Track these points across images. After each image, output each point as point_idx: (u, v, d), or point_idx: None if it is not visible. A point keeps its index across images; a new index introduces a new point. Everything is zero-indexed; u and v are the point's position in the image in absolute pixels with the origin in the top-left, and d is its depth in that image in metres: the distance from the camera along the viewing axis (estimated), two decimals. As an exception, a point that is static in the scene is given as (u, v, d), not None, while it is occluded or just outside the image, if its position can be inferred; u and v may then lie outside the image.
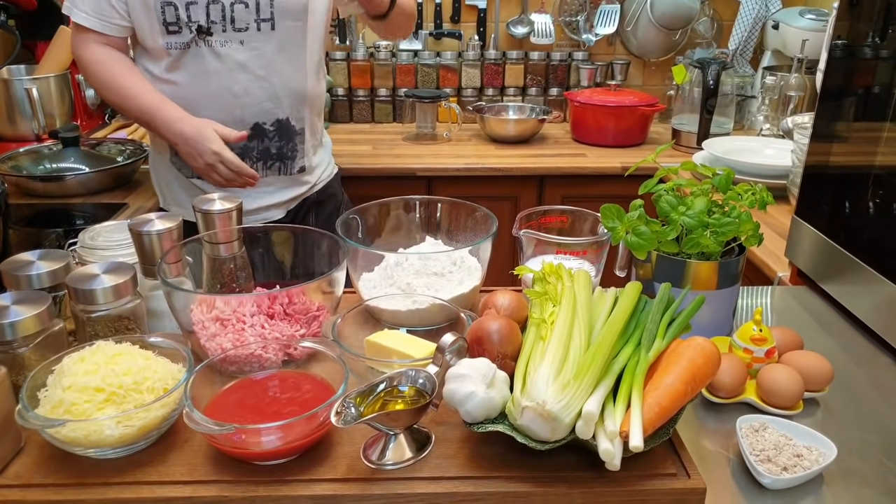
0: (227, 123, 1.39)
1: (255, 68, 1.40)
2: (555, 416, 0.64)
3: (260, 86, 1.41)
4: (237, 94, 1.40)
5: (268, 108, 1.43)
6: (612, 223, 0.93)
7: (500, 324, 0.76)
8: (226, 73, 1.39)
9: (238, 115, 1.41)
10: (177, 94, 1.40)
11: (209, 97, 1.40)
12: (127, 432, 0.68)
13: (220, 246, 0.96)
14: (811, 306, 1.14)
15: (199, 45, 1.37)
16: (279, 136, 1.47)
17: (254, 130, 1.44)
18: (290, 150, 1.50)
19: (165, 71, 1.40)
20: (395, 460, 0.71)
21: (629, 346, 0.77)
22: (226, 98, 1.40)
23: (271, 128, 1.45)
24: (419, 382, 0.73)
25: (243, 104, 1.41)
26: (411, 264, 0.96)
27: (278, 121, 1.46)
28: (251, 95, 1.41)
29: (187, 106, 1.39)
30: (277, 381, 0.78)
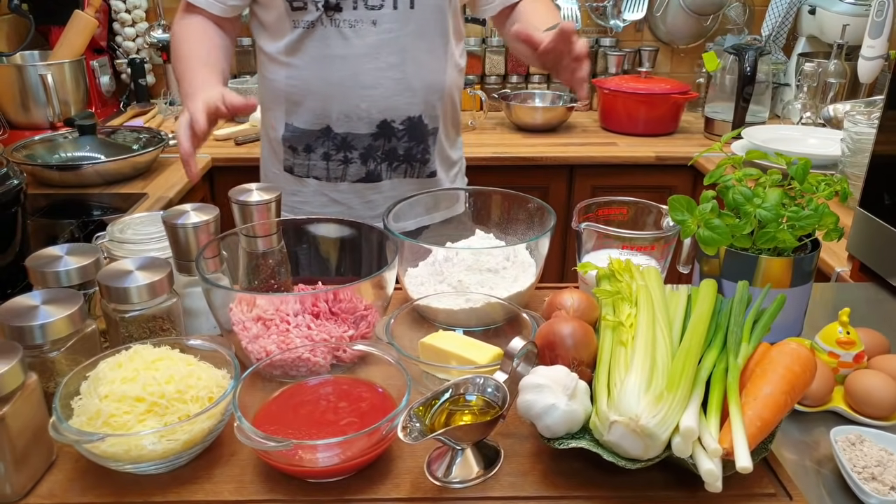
0: (351, 119, 1.21)
1: (387, 55, 1.18)
2: (650, 433, 0.58)
3: (392, 76, 1.20)
4: (365, 84, 1.19)
5: (399, 103, 1.22)
6: (682, 216, 0.86)
7: (573, 327, 0.69)
8: (353, 60, 1.18)
9: (364, 109, 1.21)
10: (295, 80, 1.22)
11: (331, 86, 1.20)
12: (170, 446, 0.62)
13: (258, 240, 0.90)
14: (883, 305, 1.07)
15: (325, 24, 1.16)
16: (409, 136, 1.25)
17: (380, 129, 1.23)
18: (420, 152, 1.28)
19: (284, 53, 1.21)
20: (462, 477, 0.65)
21: (713, 351, 0.70)
22: (351, 89, 1.20)
23: (401, 126, 1.24)
24: (488, 392, 0.67)
25: (371, 97, 1.20)
26: (462, 259, 0.89)
27: (409, 119, 1.24)
28: (381, 87, 1.20)
29: (306, 94, 1.21)
30: (331, 387, 0.71)
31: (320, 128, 1.24)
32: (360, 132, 1.23)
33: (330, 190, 1.29)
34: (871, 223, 1.13)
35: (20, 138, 1.79)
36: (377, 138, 1.24)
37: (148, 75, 2.29)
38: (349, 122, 1.22)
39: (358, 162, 1.25)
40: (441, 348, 0.76)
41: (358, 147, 1.24)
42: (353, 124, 1.22)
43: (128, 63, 2.23)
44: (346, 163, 1.26)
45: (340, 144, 1.24)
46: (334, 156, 1.25)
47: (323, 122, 1.23)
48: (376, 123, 1.22)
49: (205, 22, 1.23)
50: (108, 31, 2.27)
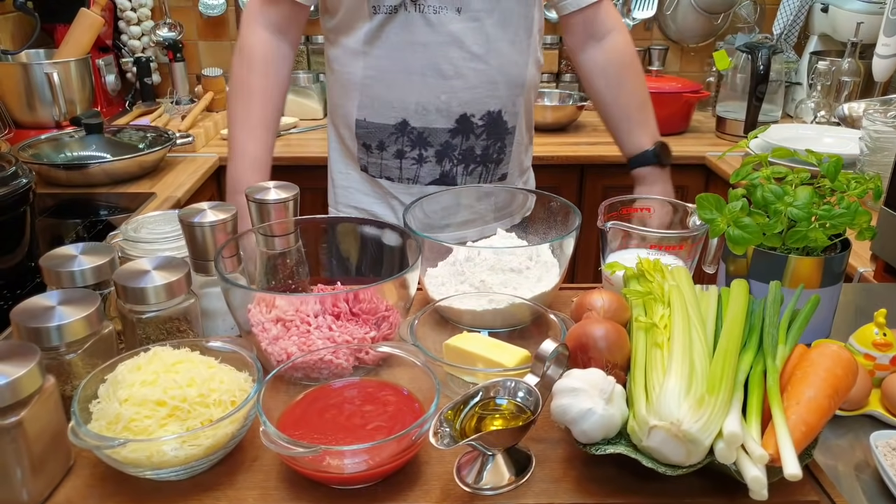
0: (430, 112, 1.15)
1: (471, 44, 1.12)
2: (693, 438, 0.56)
3: (475, 67, 1.14)
4: (447, 74, 1.13)
5: (480, 95, 1.15)
6: (711, 215, 0.84)
7: (606, 328, 0.67)
8: (436, 48, 1.12)
9: (444, 101, 1.15)
10: (373, 69, 1.15)
11: (412, 76, 1.13)
12: (193, 452, 0.60)
13: (275, 239, 0.88)
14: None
15: (409, 9, 1.10)
16: (487, 133, 1.19)
17: (459, 124, 1.16)
18: (496, 151, 1.21)
19: (363, 43, 1.15)
20: (493, 484, 0.62)
21: (748, 353, 0.68)
22: (432, 79, 1.13)
23: (480, 122, 1.17)
24: (519, 396, 0.65)
25: (452, 88, 1.14)
26: (484, 259, 0.87)
27: (489, 113, 1.17)
28: (463, 78, 1.14)
29: (384, 85, 1.16)
30: (356, 390, 0.69)
31: (396, 122, 1.17)
32: (438, 126, 1.16)
33: (401, 192, 1.22)
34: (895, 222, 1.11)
35: (25, 137, 1.77)
36: (455, 135, 1.17)
37: (153, 74, 2.27)
38: (427, 115, 1.15)
39: (433, 161, 1.19)
40: (467, 350, 0.74)
41: (434, 144, 1.17)
42: (432, 118, 1.16)
43: (133, 62, 2.21)
44: (420, 162, 1.19)
45: (416, 140, 1.17)
46: (408, 153, 1.18)
47: (399, 116, 1.17)
48: (455, 118, 1.16)
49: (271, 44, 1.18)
50: (114, 30, 2.25)
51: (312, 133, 2.12)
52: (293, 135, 2.10)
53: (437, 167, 1.19)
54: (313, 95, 2.23)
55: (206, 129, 1.99)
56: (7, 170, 1.17)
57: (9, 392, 0.56)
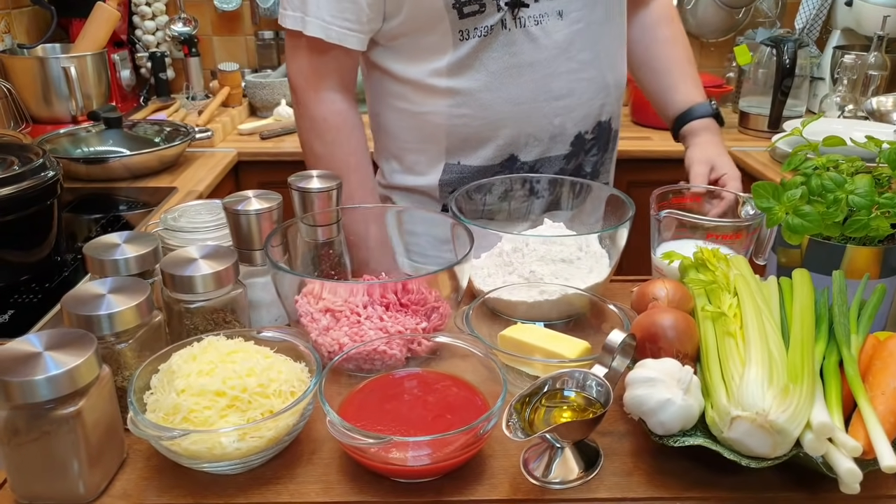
0: (541, 142, 0.97)
1: (578, 51, 0.95)
2: (780, 429, 0.53)
3: (587, 77, 0.97)
4: (559, 94, 0.96)
5: (594, 108, 0.99)
6: (768, 203, 0.82)
7: (675, 317, 0.65)
8: (543, 66, 0.94)
9: (558, 125, 0.97)
10: (467, 108, 0.96)
11: (517, 107, 0.95)
12: (254, 444, 0.58)
13: (318, 229, 0.86)
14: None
15: (508, 26, 0.91)
16: (598, 147, 1.03)
17: (574, 146, 0.99)
18: (603, 162, 1.07)
19: (446, 76, 0.95)
20: (563, 478, 0.60)
21: (819, 343, 0.66)
22: (542, 104, 0.95)
23: (590, 136, 1.01)
24: (589, 387, 0.62)
25: (567, 108, 0.96)
26: (534, 249, 0.85)
27: (599, 124, 1.02)
28: (577, 94, 0.97)
29: (485, 123, 0.96)
30: (416, 381, 0.67)
31: (502, 160, 1.00)
32: (553, 154, 0.99)
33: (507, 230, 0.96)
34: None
35: (42, 132, 1.75)
36: (570, 159, 1.00)
37: (168, 69, 2.25)
38: (540, 145, 0.98)
39: (546, 194, 0.99)
40: (523, 341, 0.72)
41: (548, 173, 1.00)
42: (546, 146, 0.98)
43: (148, 57, 2.19)
44: (531, 196, 0.99)
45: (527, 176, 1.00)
46: (518, 190, 0.98)
47: (506, 153, 0.99)
48: (570, 140, 1.00)
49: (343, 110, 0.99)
50: (128, 25, 2.23)
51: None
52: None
53: (550, 197, 1.00)
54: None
55: (223, 123, 1.97)
56: (34, 161, 1.14)
57: (67, 381, 0.54)
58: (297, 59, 0.98)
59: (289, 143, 1.95)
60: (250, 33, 2.36)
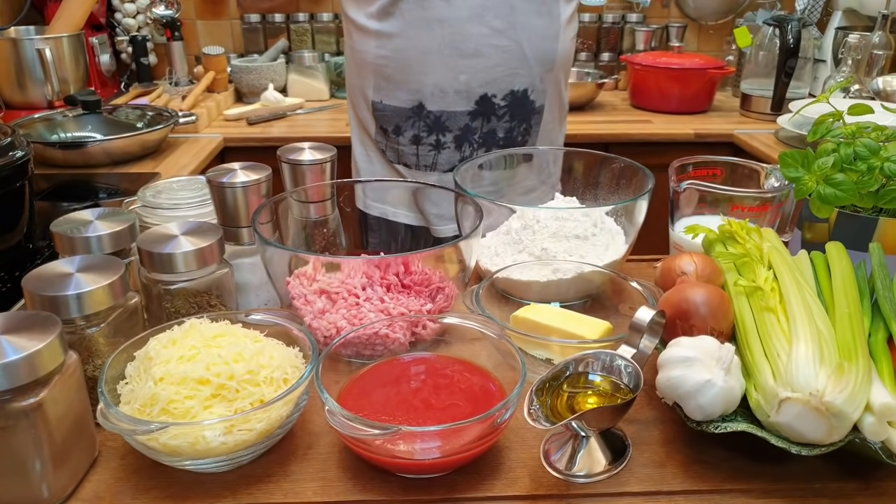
0: (447, 94, 1.06)
1: (492, 18, 1.02)
2: (837, 411, 0.47)
3: (497, 43, 1.04)
4: (465, 53, 1.03)
5: (502, 74, 1.06)
6: (797, 173, 0.76)
7: (707, 292, 0.59)
8: (453, 24, 1.02)
9: (462, 82, 1.05)
10: (386, 49, 1.06)
11: (429, 55, 1.04)
12: (243, 438, 0.51)
13: (310, 206, 0.79)
14: None
15: None
16: (511, 115, 1.09)
17: (480, 105, 1.07)
18: (521, 132, 1.12)
19: (375, 19, 1.06)
20: (588, 470, 0.54)
21: (865, 318, 0.60)
22: (449, 59, 1.04)
23: (502, 102, 1.08)
24: (617, 370, 0.56)
25: (472, 68, 1.04)
26: (545, 226, 0.79)
27: (513, 93, 1.08)
28: (484, 57, 1.04)
29: (398, 66, 1.07)
30: (424, 366, 0.60)
31: (412, 105, 1.08)
32: (457, 109, 1.07)
33: (419, 179, 1.14)
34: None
35: (16, 118, 1.67)
36: (475, 117, 1.08)
37: (150, 54, 2.16)
38: (445, 97, 1.06)
39: (451, 147, 1.10)
40: (539, 322, 0.66)
41: (453, 128, 1.08)
42: (450, 100, 1.06)
43: (128, 41, 2.10)
44: (437, 148, 1.11)
45: (433, 125, 1.09)
46: (425, 139, 1.10)
47: (415, 99, 1.08)
48: (475, 99, 1.07)
49: None
50: (107, 8, 2.14)
51: (318, 114, 2.03)
52: (299, 115, 2.00)
53: (457, 153, 1.11)
54: (319, 76, 2.14)
55: (208, 109, 1.89)
56: (2, 141, 1.07)
57: (26, 368, 0.47)
58: None
59: (277, 129, 1.87)
60: (236, 17, 2.27)
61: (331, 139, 1.89)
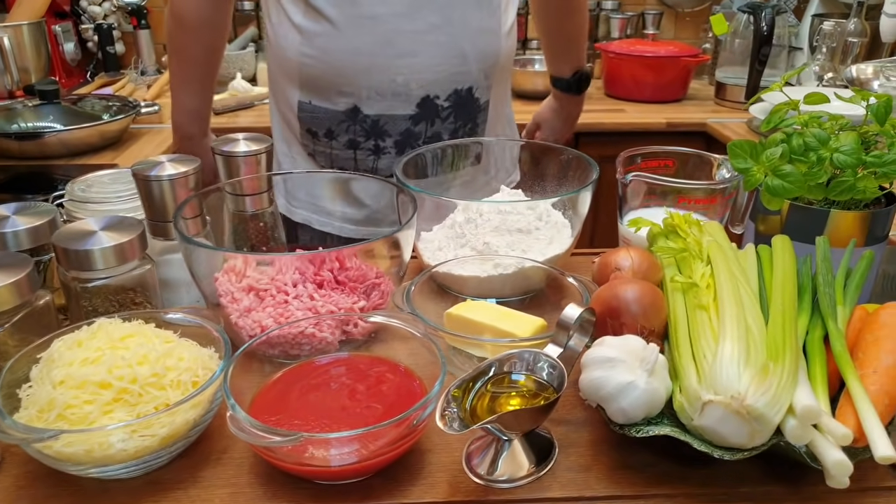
0: (385, 97, 0.97)
1: (428, 13, 0.95)
2: (759, 415, 0.46)
3: (434, 40, 0.96)
4: (401, 52, 0.95)
5: (443, 74, 0.98)
6: (746, 163, 0.74)
7: (640, 289, 0.57)
8: (386, 21, 0.94)
9: (401, 83, 0.96)
10: (313, 48, 0.97)
11: (360, 56, 0.95)
12: (145, 444, 0.49)
13: (245, 199, 0.77)
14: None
15: None
16: (456, 115, 1.01)
17: (421, 108, 0.99)
18: (467, 132, 1.03)
19: (302, 14, 0.97)
20: (510, 475, 0.52)
21: (802, 316, 0.58)
22: (384, 59, 0.95)
23: (446, 103, 1.00)
24: (540, 370, 0.54)
25: (409, 68, 0.96)
26: (488, 220, 0.76)
27: (456, 92, 1.00)
28: (422, 55, 0.96)
29: (327, 67, 0.97)
30: (344, 367, 0.58)
31: (346, 108, 0.99)
32: (397, 113, 0.99)
33: None
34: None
35: (-24, 107, 1.63)
36: (417, 121, 0.99)
37: (117, 43, 2.12)
38: (382, 100, 0.97)
39: (392, 152, 1.01)
40: (472, 320, 0.64)
41: (393, 133, 0.99)
42: (388, 103, 0.98)
43: (94, 29, 2.05)
44: (377, 153, 1.01)
45: (371, 130, 0.99)
46: (363, 143, 1.00)
47: (349, 102, 0.98)
48: (416, 102, 0.98)
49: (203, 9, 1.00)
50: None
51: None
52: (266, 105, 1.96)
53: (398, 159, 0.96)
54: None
55: (174, 98, 1.85)
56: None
57: None
58: None
59: (244, 118, 1.84)
60: (205, 4, 2.23)
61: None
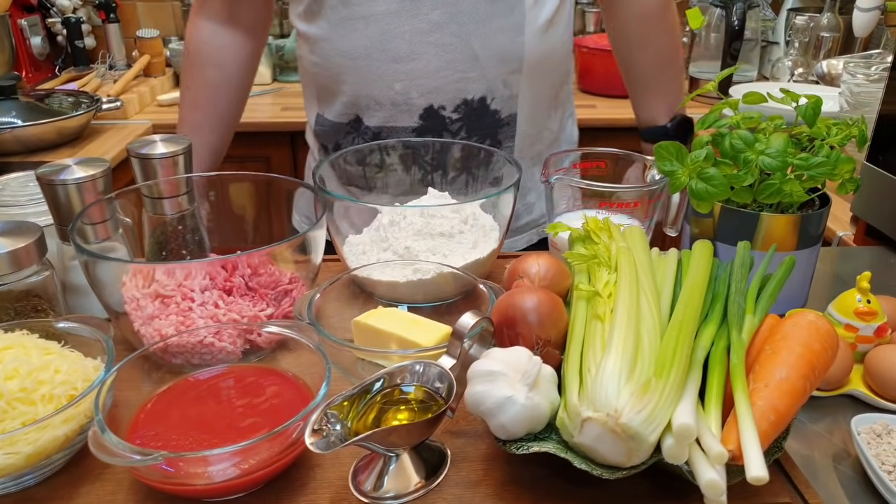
0: (384, 107, 0.88)
1: (429, 10, 0.84)
2: (634, 433, 0.44)
3: (437, 41, 0.85)
4: (398, 55, 0.85)
5: (447, 79, 0.86)
6: (671, 166, 0.72)
7: (538, 298, 0.55)
8: (381, 21, 0.85)
9: (399, 91, 0.87)
10: (316, 55, 0.91)
11: (353, 62, 0.87)
12: (10, 461, 0.47)
13: (163, 202, 0.75)
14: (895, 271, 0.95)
15: None
16: (468, 129, 0.90)
17: (425, 120, 0.89)
18: (484, 152, 0.87)
19: (304, 20, 0.91)
20: (397, 491, 0.51)
21: (710, 326, 0.57)
22: (379, 64, 0.86)
23: (454, 115, 0.89)
24: (430, 382, 0.53)
25: (407, 74, 0.86)
26: (411, 223, 0.75)
27: (466, 102, 0.88)
28: (423, 59, 0.85)
29: (329, 74, 0.91)
30: (232, 380, 0.57)
31: (349, 119, 0.92)
32: (398, 125, 0.90)
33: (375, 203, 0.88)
34: (879, 179, 1.00)
35: (-63, 103, 1.60)
36: (422, 134, 0.89)
37: (87, 37, 2.09)
38: (382, 110, 0.89)
39: (398, 169, 0.89)
40: (379, 328, 0.62)
41: (398, 147, 0.88)
42: (389, 113, 0.89)
43: (62, 23, 2.03)
44: (383, 169, 0.89)
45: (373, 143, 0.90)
46: (367, 158, 0.89)
47: (351, 112, 0.92)
48: (418, 113, 0.88)
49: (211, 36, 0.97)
50: (41, -12, 2.07)
51: (259, 98, 1.97)
52: (238, 101, 1.94)
53: (406, 176, 0.89)
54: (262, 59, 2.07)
55: (140, 94, 1.83)
56: None
57: None
58: None
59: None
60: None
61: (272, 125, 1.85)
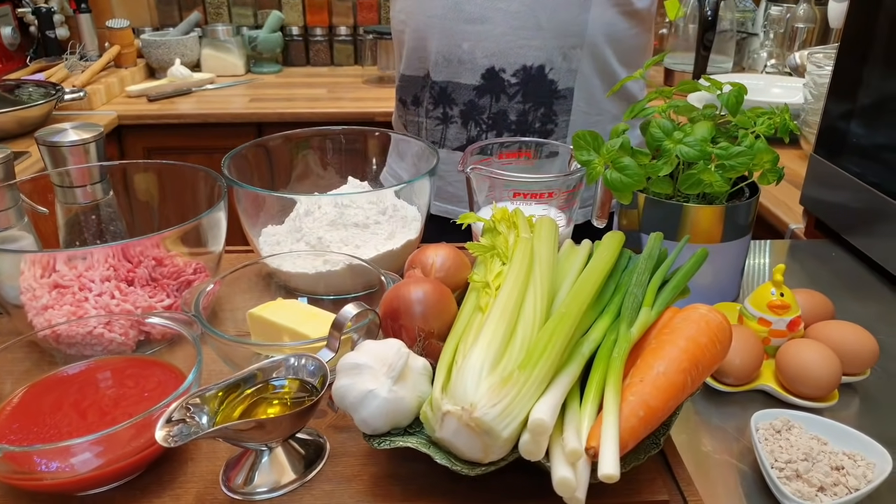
0: (451, 63, 0.94)
1: None
2: (487, 428, 0.42)
3: (505, 7, 0.90)
4: (470, 17, 0.91)
5: (510, 45, 0.92)
6: (588, 156, 0.71)
7: (425, 290, 0.54)
8: None
9: (466, 50, 0.93)
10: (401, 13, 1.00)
11: (430, 19, 0.94)
12: None
13: (75, 190, 0.74)
14: (837, 264, 0.93)
15: None
16: (524, 94, 0.94)
17: (486, 80, 0.94)
18: (539, 119, 0.94)
19: None
20: (268, 486, 0.49)
21: (604, 319, 0.55)
22: (452, 24, 0.92)
23: (513, 78, 0.94)
24: (305, 374, 0.51)
25: (475, 35, 0.92)
26: (325, 213, 0.73)
27: (525, 69, 0.93)
28: (490, 23, 0.91)
29: (408, 31, 0.98)
30: (109, 372, 0.55)
31: (422, 74, 0.99)
32: (461, 81, 0.95)
33: None
34: (828, 172, 0.98)
35: None
36: (482, 94, 0.94)
37: (60, 28, 2.08)
38: (449, 66, 0.95)
39: (458, 122, 0.97)
40: (272, 321, 0.61)
41: (458, 102, 0.96)
42: (454, 70, 0.95)
43: (33, 12, 2.02)
44: (444, 122, 0.98)
45: (438, 97, 0.97)
46: (432, 111, 0.99)
47: (423, 67, 0.99)
48: (481, 72, 0.93)
49: None
50: (12, -23, 2.06)
51: (231, 90, 1.96)
52: (209, 91, 1.93)
53: (464, 130, 0.97)
54: (233, 50, 2.06)
55: (107, 85, 1.82)
56: None
57: None
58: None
59: (180, 105, 1.81)
60: (150, -12, 2.19)
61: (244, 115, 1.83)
